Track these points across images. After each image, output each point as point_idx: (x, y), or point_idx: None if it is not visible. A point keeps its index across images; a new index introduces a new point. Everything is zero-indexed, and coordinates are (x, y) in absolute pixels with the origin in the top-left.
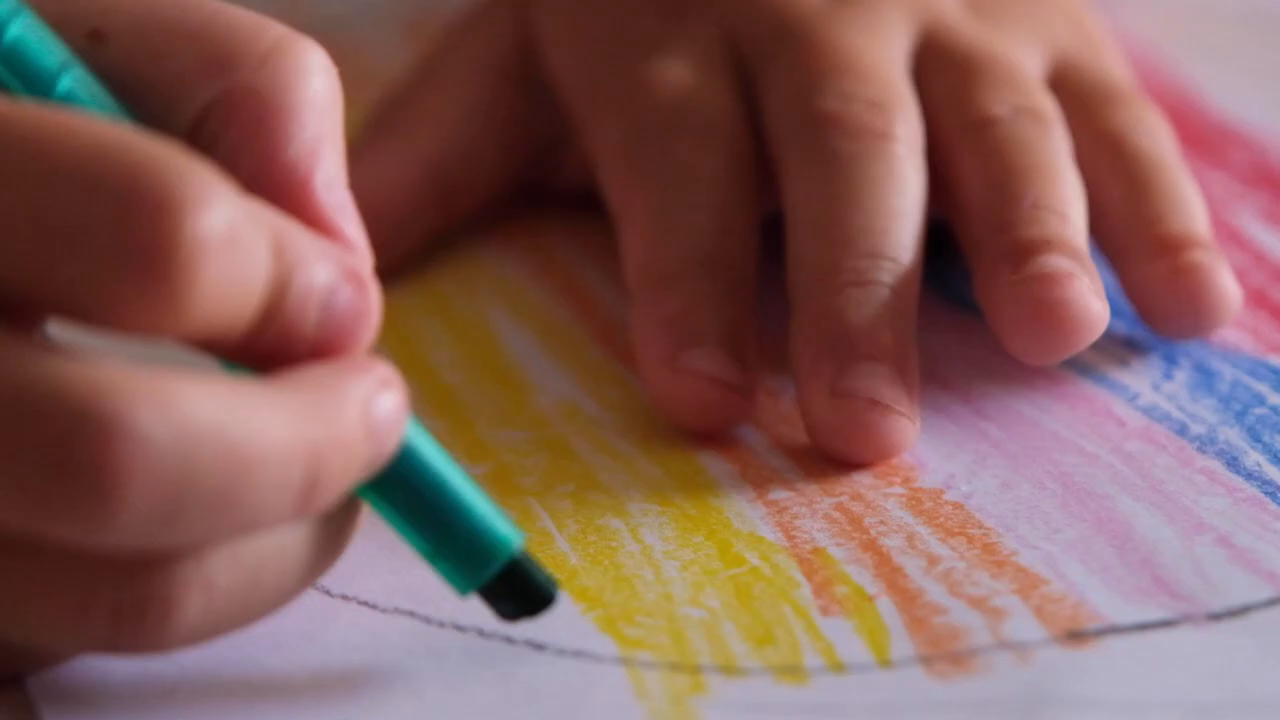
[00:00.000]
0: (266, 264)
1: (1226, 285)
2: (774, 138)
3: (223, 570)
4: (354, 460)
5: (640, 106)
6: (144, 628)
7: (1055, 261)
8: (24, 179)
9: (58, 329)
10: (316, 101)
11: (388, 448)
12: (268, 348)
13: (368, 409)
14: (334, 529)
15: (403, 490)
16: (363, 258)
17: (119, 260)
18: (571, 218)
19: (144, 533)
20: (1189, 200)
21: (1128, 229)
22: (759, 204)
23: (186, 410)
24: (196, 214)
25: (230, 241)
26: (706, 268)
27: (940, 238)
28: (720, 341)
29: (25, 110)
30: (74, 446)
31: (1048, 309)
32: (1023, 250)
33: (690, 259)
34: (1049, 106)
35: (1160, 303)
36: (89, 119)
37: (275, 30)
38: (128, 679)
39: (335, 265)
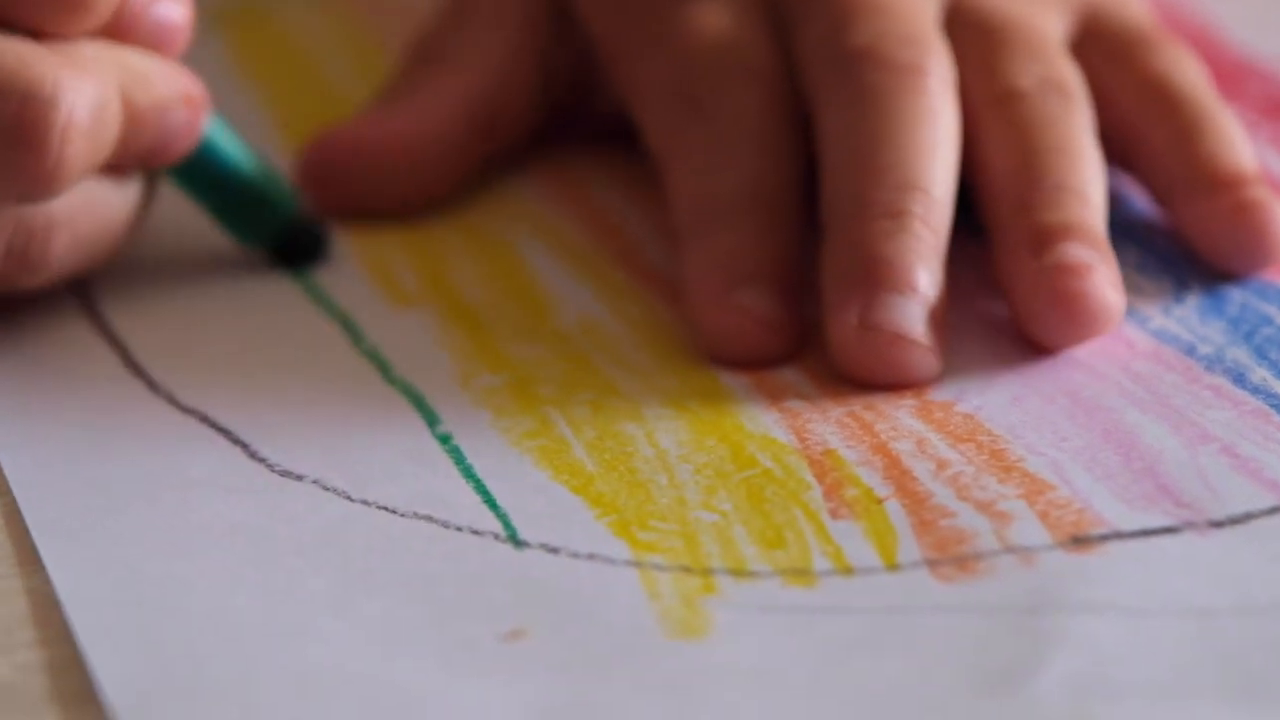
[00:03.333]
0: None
1: None
2: (808, 77)
3: (83, 217)
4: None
5: (681, 50)
6: (28, 260)
7: (1075, 252)
8: None
9: None
10: None
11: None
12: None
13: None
14: (144, 197)
15: (198, 168)
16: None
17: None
18: (595, 146)
19: (66, 187)
20: (1236, 137)
21: (1180, 168)
22: (802, 144)
23: (103, 79)
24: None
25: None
26: (756, 203)
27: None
28: (771, 279)
29: None
30: (30, 119)
31: (1066, 300)
32: (1044, 236)
33: (740, 195)
34: (1073, 78)
35: (1223, 240)
36: None
37: None
38: (155, 578)
39: None
